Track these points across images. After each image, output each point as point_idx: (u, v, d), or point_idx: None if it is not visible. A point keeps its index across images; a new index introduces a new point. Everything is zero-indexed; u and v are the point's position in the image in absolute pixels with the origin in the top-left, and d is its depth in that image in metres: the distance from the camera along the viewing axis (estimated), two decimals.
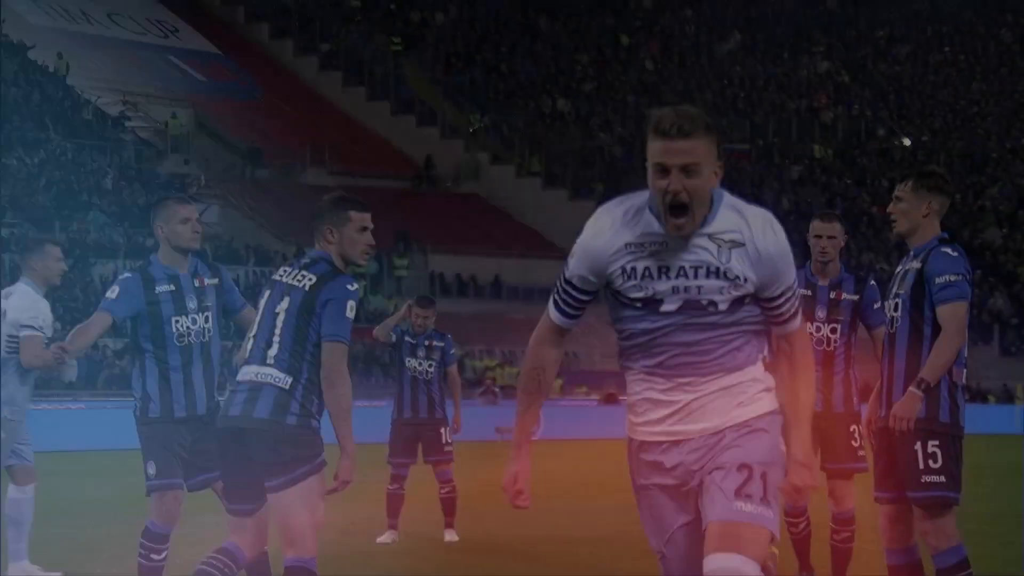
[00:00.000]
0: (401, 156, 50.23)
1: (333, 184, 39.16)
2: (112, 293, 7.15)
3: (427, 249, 44.12)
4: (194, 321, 7.21)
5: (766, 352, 4.33)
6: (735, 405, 4.22)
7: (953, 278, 6.33)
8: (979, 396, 38.86)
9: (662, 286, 4.14)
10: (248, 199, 43.99)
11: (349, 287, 6.13)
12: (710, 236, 4.12)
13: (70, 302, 34.22)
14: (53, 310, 9.30)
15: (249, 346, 6.26)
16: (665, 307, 4.15)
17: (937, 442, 6.35)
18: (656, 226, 4.14)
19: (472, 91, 53.74)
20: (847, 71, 57.82)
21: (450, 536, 11.59)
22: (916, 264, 6.46)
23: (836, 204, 47.78)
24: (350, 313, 6.11)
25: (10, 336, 8.65)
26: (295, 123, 48.78)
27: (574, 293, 4.28)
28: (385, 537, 11.37)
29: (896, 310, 6.50)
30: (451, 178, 49.69)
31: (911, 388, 6.29)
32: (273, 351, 6.09)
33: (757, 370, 4.29)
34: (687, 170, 4.04)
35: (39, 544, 9.40)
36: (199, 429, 7.16)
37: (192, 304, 7.21)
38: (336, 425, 6.04)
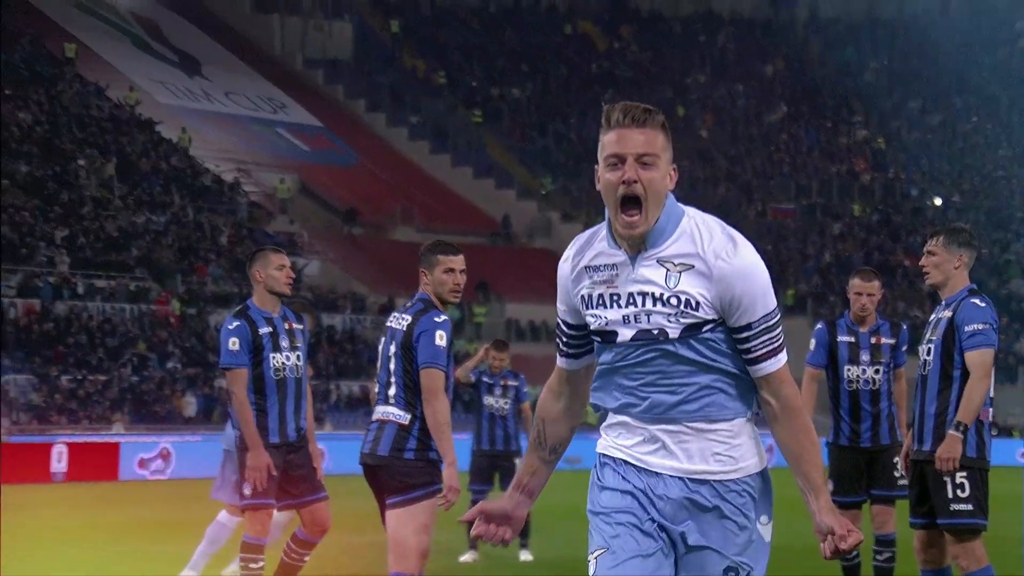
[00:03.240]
0: (481, 215, 50.42)
1: (420, 240, 39.38)
2: (234, 345, 7.26)
3: (504, 298, 44.17)
4: (287, 358, 7.33)
5: (754, 409, 3.50)
6: (711, 453, 3.40)
7: (981, 326, 6.29)
8: (1005, 432, 38.26)
9: (613, 315, 3.40)
10: (345, 254, 44.34)
11: (437, 319, 6.26)
12: (660, 260, 3.36)
13: (189, 346, 34.63)
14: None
15: (376, 388, 6.44)
16: (620, 338, 3.40)
17: (965, 474, 6.29)
18: (610, 249, 3.43)
19: (544, 157, 53.92)
20: (883, 138, 57.42)
21: (525, 556, 11.54)
22: (947, 313, 6.40)
23: (873, 257, 47.30)
24: (440, 341, 6.22)
25: None
26: (387, 186, 49.19)
27: (564, 329, 3.59)
28: (467, 556, 11.32)
29: (928, 354, 6.46)
30: (526, 235, 49.79)
31: (951, 431, 6.23)
32: (392, 390, 6.28)
33: (741, 425, 3.43)
34: (643, 161, 3.31)
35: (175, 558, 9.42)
36: (291, 453, 7.32)
37: (285, 343, 7.34)
38: (436, 439, 6.16)
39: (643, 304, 3.36)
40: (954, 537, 6.36)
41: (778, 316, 3.41)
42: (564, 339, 3.60)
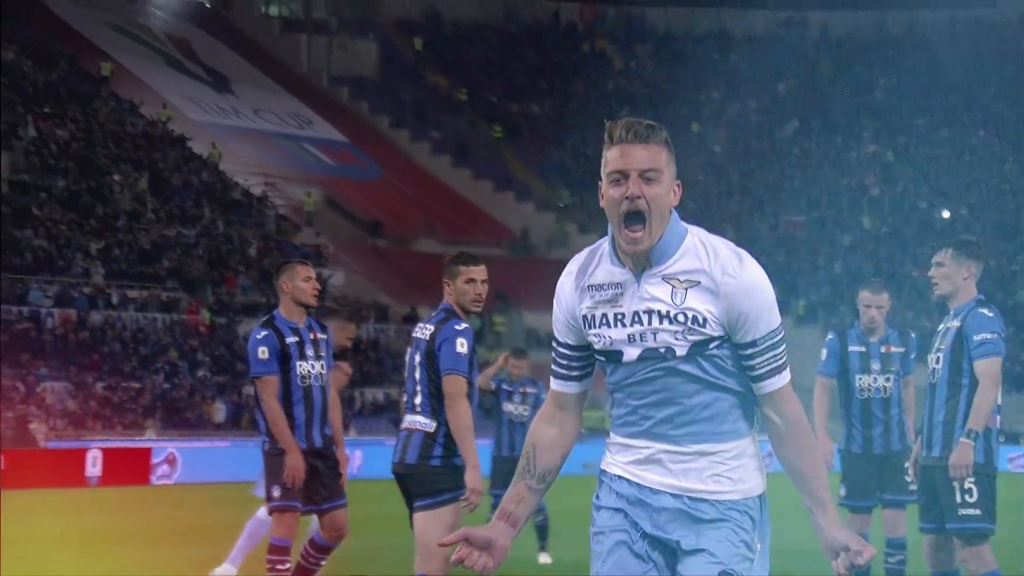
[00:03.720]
0: (501, 227, 50.43)
1: (442, 252, 39.44)
2: (263, 354, 7.27)
3: (523, 307, 44.15)
4: (313, 367, 7.36)
5: (756, 427, 3.38)
6: (712, 474, 3.27)
7: (989, 336, 6.27)
8: (1013, 439, 38.01)
9: (618, 334, 3.25)
10: (369, 265, 44.41)
11: (457, 327, 6.27)
12: (665, 277, 3.23)
13: (219, 355, 34.71)
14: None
15: (404, 397, 6.46)
16: (626, 357, 3.26)
17: (973, 479, 6.26)
18: (612, 267, 3.29)
19: (562, 171, 53.92)
20: (892, 152, 57.20)
21: (544, 558, 11.51)
22: (956, 323, 6.38)
23: (882, 268, 47.12)
24: (460, 348, 6.24)
25: None
26: (410, 199, 49.25)
27: (562, 350, 3.40)
28: None
29: (937, 363, 6.44)
30: (544, 246, 49.75)
31: (963, 439, 6.23)
32: (418, 399, 6.30)
33: (744, 445, 3.31)
34: (646, 177, 3.18)
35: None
36: (316, 458, 7.33)
37: (311, 352, 7.36)
38: (459, 443, 6.18)
39: (649, 322, 3.23)
40: (963, 541, 6.33)
41: (783, 333, 3.29)
42: (562, 361, 3.42)
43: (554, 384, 3.43)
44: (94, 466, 25.25)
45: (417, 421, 6.28)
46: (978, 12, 60.44)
